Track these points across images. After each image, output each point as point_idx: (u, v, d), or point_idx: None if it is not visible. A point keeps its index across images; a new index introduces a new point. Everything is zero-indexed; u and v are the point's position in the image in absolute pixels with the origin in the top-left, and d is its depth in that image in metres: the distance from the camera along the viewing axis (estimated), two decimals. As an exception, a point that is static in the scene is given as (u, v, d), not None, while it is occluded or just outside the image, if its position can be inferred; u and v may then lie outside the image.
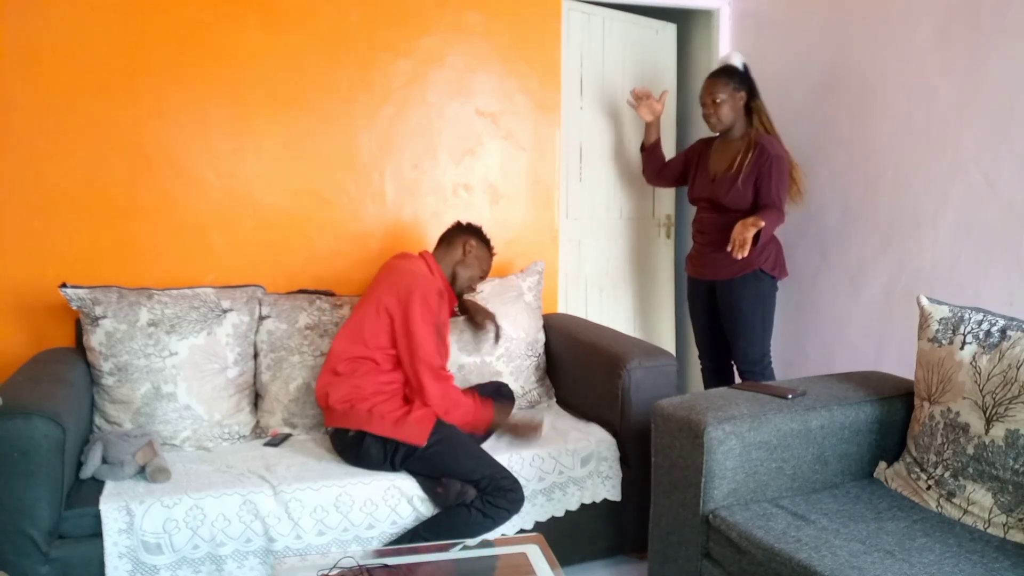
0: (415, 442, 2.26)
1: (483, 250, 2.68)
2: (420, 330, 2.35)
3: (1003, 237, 2.48)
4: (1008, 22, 2.44)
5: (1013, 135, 2.44)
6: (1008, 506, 1.81)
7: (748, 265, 2.89)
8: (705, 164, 3.09)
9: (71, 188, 2.69)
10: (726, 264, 2.91)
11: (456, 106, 3.16)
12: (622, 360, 2.53)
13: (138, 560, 2.03)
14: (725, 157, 3.00)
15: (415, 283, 2.40)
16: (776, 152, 2.88)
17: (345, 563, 1.80)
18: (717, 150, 3.08)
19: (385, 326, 2.38)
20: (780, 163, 2.87)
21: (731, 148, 3.00)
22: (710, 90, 2.99)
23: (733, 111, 2.96)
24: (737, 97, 2.96)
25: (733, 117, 2.97)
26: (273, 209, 2.93)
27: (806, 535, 1.79)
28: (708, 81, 3.03)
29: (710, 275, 3.02)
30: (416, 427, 2.28)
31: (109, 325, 2.41)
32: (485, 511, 2.21)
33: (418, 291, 2.37)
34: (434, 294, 2.41)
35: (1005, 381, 1.85)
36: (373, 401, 2.32)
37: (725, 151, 3.02)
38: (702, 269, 3.07)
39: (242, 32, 2.83)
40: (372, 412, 2.30)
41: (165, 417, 2.42)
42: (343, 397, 2.34)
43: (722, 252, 2.87)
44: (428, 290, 2.40)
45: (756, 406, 2.07)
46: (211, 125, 2.83)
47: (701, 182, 3.07)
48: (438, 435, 2.29)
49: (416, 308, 2.35)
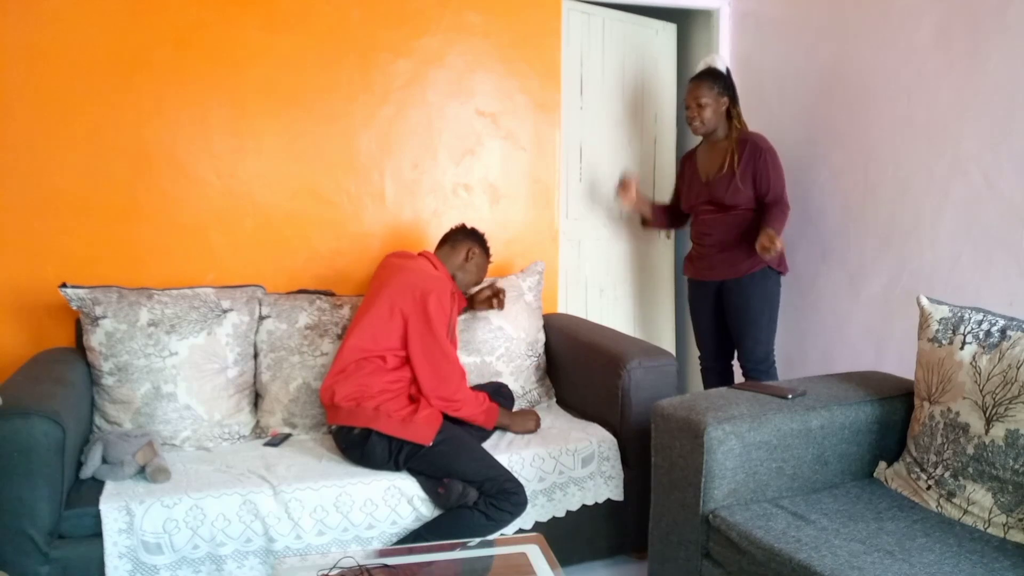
0: (422, 441, 2.26)
1: (483, 258, 2.72)
2: (439, 330, 2.37)
3: (1003, 237, 2.48)
4: (1008, 21, 2.44)
5: (1013, 135, 2.44)
6: (1008, 506, 1.81)
7: (757, 263, 2.90)
8: (694, 170, 3.10)
9: (71, 188, 2.69)
10: (735, 263, 2.93)
11: (456, 106, 3.16)
12: (622, 360, 2.53)
13: (138, 560, 2.03)
14: (714, 158, 3.01)
15: (429, 284, 2.41)
16: (767, 146, 2.93)
17: (345, 563, 1.80)
18: (704, 154, 3.09)
19: (398, 327, 2.38)
20: (773, 156, 2.93)
21: (718, 148, 3.01)
22: (694, 93, 2.98)
23: (716, 115, 2.98)
24: (720, 101, 2.97)
25: (716, 121, 2.99)
26: (273, 209, 2.93)
27: (806, 535, 1.78)
28: (692, 84, 3.02)
29: (719, 276, 3.01)
30: (423, 427, 2.29)
31: (109, 325, 2.41)
32: (488, 514, 2.21)
33: (434, 292, 2.39)
34: (448, 295, 2.44)
35: (1005, 381, 1.85)
36: (380, 399, 2.32)
37: (712, 153, 3.03)
38: (708, 271, 3.05)
39: (242, 32, 2.83)
40: (379, 410, 2.30)
41: (165, 417, 2.42)
42: (349, 395, 2.34)
43: (729, 252, 2.88)
44: (443, 291, 2.42)
45: (756, 406, 2.07)
46: (211, 125, 2.83)
47: (695, 187, 3.07)
48: (443, 435, 2.30)
49: (433, 309, 2.36)
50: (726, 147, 2.97)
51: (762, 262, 2.90)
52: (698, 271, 3.12)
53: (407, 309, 2.37)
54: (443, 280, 2.49)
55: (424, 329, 2.36)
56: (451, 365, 2.41)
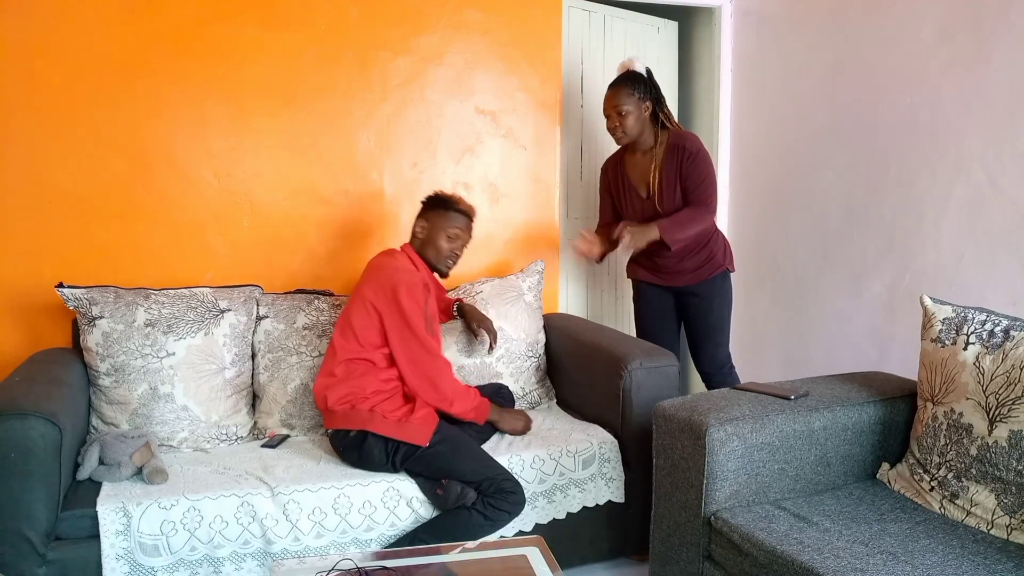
0: (418, 442, 2.25)
1: (439, 215, 2.51)
2: (414, 322, 2.32)
3: (1007, 237, 2.46)
4: (1011, 20, 2.42)
5: (1017, 134, 2.42)
6: (1011, 507, 1.79)
7: (718, 267, 2.87)
8: (628, 184, 2.89)
9: (68, 187, 2.68)
10: (696, 269, 2.86)
11: (456, 104, 3.14)
12: (623, 361, 2.51)
13: (135, 562, 2.02)
14: (646, 170, 2.83)
15: (399, 277, 2.38)
16: (695, 147, 2.74)
17: (343, 565, 1.78)
18: (635, 166, 2.88)
19: (375, 323, 2.36)
20: (702, 158, 2.74)
21: (648, 159, 2.82)
22: (612, 101, 2.75)
23: (639, 122, 2.76)
24: (643, 107, 2.76)
25: (639, 129, 2.77)
26: (271, 208, 2.92)
27: (808, 537, 1.77)
28: (610, 92, 2.78)
29: (681, 282, 2.90)
30: (419, 427, 2.27)
31: (106, 325, 2.40)
32: (486, 513, 2.19)
33: (403, 285, 2.35)
34: (419, 286, 2.38)
35: (1008, 382, 1.84)
36: (374, 400, 2.31)
37: (644, 163, 2.84)
38: (670, 278, 2.92)
39: (240, 30, 2.82)
40: (374, 411, 2.28)
41: (162, 418, 2.41)
42: (342, 398, 2.33)
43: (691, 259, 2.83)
44: (413, 282, 2.37)
45: (758, 407, 2.06)
46: (209, 124, 2.82)
47: (635, 203, 2.88)
48: (440, 436, 2.28)
49: (404, 301, 2.32)
50: (660, 156, 2.77)
51: (722, 265, 2.86)
52: (657, 277, 2.95)
53: (380, 305, 2.35)
54: (412, 272, 2.42)
55: (400, 323, 2.33)
56: (432, 358, 2.36)
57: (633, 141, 2.82)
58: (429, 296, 2.45)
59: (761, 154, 3.47)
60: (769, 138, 3.42)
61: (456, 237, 2.52)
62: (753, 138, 3.52)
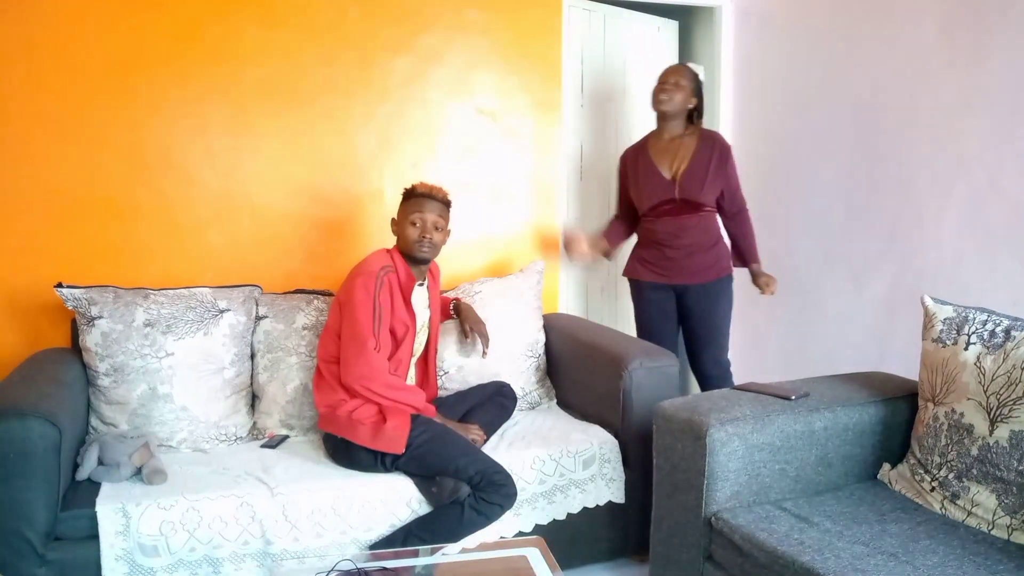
0: (394, 451, 2.23)
1: (403, 206, 2.47)
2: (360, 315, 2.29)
3: (1008, 236, 2.46)
4: (1011, 19, 2.42)
5: (1017, 134, 2.42)
6: (1012, 508, 1.79)
7: (724, 268, 2.90)
8: (650, 167, 2.90)
9: (67, 187, 2.67)
10: (702, 268, 2.87)
11: (456, 104, 3.14)
12: (623, 361, 2.51)
13: (134, 562, 2.01)
14: (675, 154, 2.88)
15: (359, 268, 2.38)
16: (728, 145, 2.92)
17: (343, 566, 1.78)
18: (658, 151, 2.91)
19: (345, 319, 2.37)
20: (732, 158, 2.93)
21: (676, 145, 2.89)
22: (674, 73, 2.90)
23: (684, 102, 2.87)
24: (691, 95, 2.89)
25: (681, 107, 2.87)
26: (271, 208, 2.91)
27: (809, 537, 1.77)
28: (676, 66, 2.98)
29: (683, 280, 2.89)
30: (392, 436, 2.24)
31: (105, 325, 2.39)
32: (478, 508, 2.19)
33: (360, 275, 2.35)
34: (374, 276, 2.33)
35: (1009, 382, 1.84)
36: (352, 405, 2.30)
37: (670, 149, 2.89)
38: (672, 275, 2.91)
39: (240, 30, 2.81)
40: (352, 418, 2.28)
41: (161, 418, 2.40)
42: (323, 401, 2.35)
43: (699, 256, 2.85)
44: (369, 272, 2.34)
45: (759, 407, 2.05)
46: (208, 124, 2.81)
47: (655, 185, 2.87)
48: (426, 434, 2.26)
49: (356, 291, 2.32)
50: (690, 143, 2.86)
51: (729, 268, 2.90)
52: (657, 274, 2.93)
53: (342, 298, 2.37)
54: (375, 262, 2.38)
55: (347, 311, 2.32)
56: (361, 355, 2.27)
57: (666, 118, 2.90)
58: (388, 289, 2.36)
59: (761, 154, 3.46)
60: (769, 138, 3.42)
61: (420, 220, 2.42)
62: (753, 138, 3.52)
